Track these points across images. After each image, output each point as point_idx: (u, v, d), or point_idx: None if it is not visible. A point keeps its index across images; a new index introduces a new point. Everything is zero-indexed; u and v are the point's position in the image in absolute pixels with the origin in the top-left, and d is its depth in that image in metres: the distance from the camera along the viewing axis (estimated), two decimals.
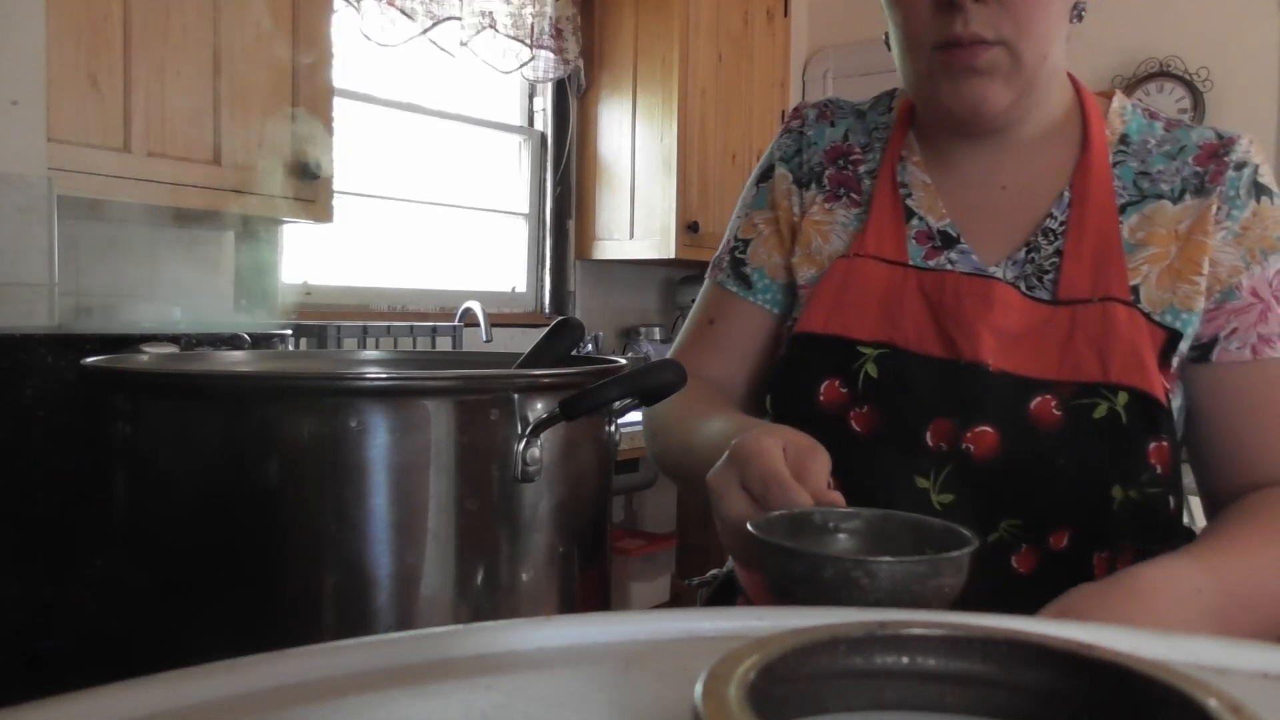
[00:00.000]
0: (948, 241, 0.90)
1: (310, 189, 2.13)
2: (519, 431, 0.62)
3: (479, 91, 3.21)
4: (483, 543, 0.62)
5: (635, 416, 0.96)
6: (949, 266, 0.89)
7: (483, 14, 2.94)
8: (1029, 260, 0.87)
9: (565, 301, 3.40)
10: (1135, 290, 0.84)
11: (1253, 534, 0.77)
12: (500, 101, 3.34)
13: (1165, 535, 0.81)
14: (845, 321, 0.88)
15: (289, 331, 1.01)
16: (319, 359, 1.05)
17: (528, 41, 3.09)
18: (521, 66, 3.12)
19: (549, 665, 0.40)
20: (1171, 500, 0.81)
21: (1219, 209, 0.85)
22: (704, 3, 3.23)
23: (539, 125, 3.41)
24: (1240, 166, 0.86)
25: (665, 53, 3.19)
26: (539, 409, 0.62)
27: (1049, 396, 0.80)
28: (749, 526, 0.61)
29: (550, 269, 3.40)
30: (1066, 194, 0.88)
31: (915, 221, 0.92)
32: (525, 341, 0.98)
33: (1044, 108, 0.90)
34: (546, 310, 3.39)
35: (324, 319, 2.44)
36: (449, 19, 2.84)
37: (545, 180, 3.40)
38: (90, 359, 0.67)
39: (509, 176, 3.38)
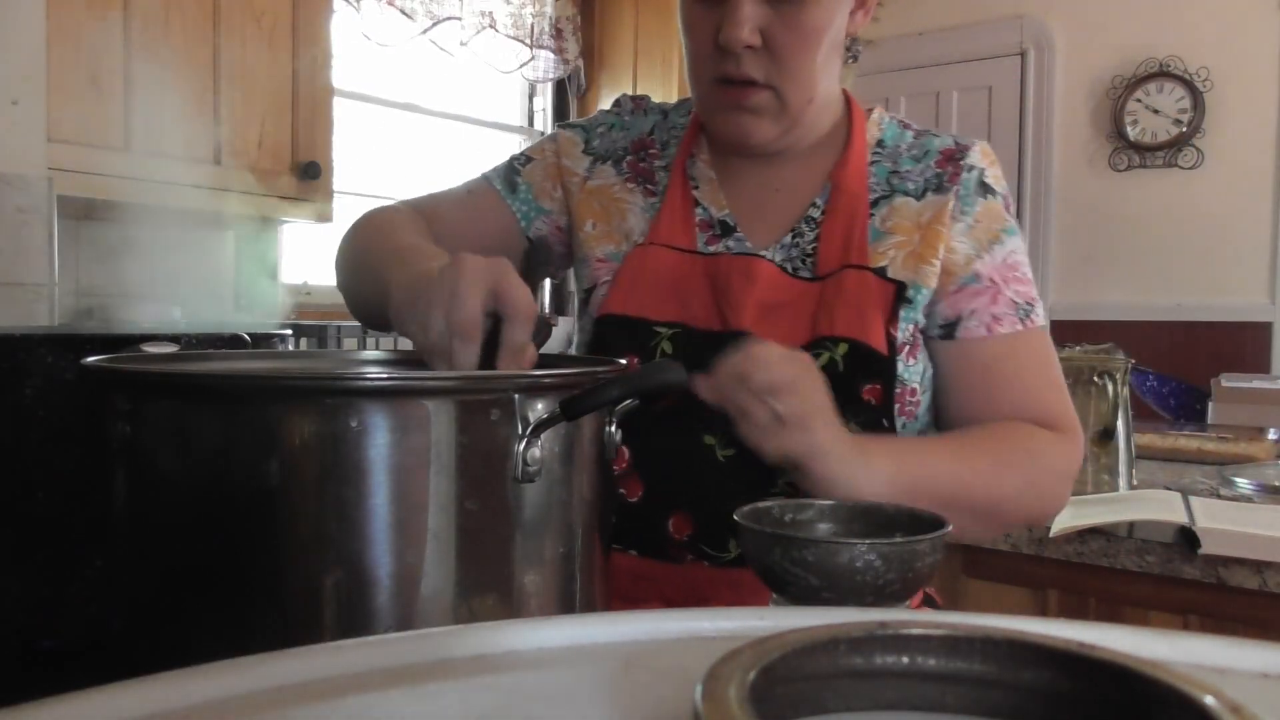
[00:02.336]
0: (725, 230, 1.01)
1: (310, 189, 2.13)
2: (519, 431, 0.62)
3: (479, 91, 3.21)
4: (483, 543, 0.62)
5: None
6: (726, 251, 0.99)
7: (483, 14, 2.94)
8: (794, 245, 0.98)
9: (565, 301, 3.40)
10: (882, 270, 0.95)
11: (941, 440, 0.93)
12: (500, 101, 3.34)
13: None
14: (642, 304, 0.97)
15: (289, 331, 1.01)
16: (319, 359, 1.05)
17: (528, 41, 3.09)
18: (521, 66, 3.12)
19: (549, 665, 0.40)
20: (884, 423, 0.92)
21: (955, 205, 0.97)
22: None
23: (539, 125, 3.41)
24: (970, 170, 0.98)
25: (665, 53, 3.19)
26: (539, 409, 0.62)
27: None
28: (735, 517, 0.64)
29: None
30: (827, 187, 0.99)
31: (699, 210, 1.02)
32: None
33: (814, 129, 1.00)
34: (546, 310, 3.39)
35: (324, 319, 2.44)
36: (449, 19, 2.84)
37: None
38: (90, 359, 0.67)
39: None
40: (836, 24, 0.93)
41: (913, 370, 0.95)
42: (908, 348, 0.94)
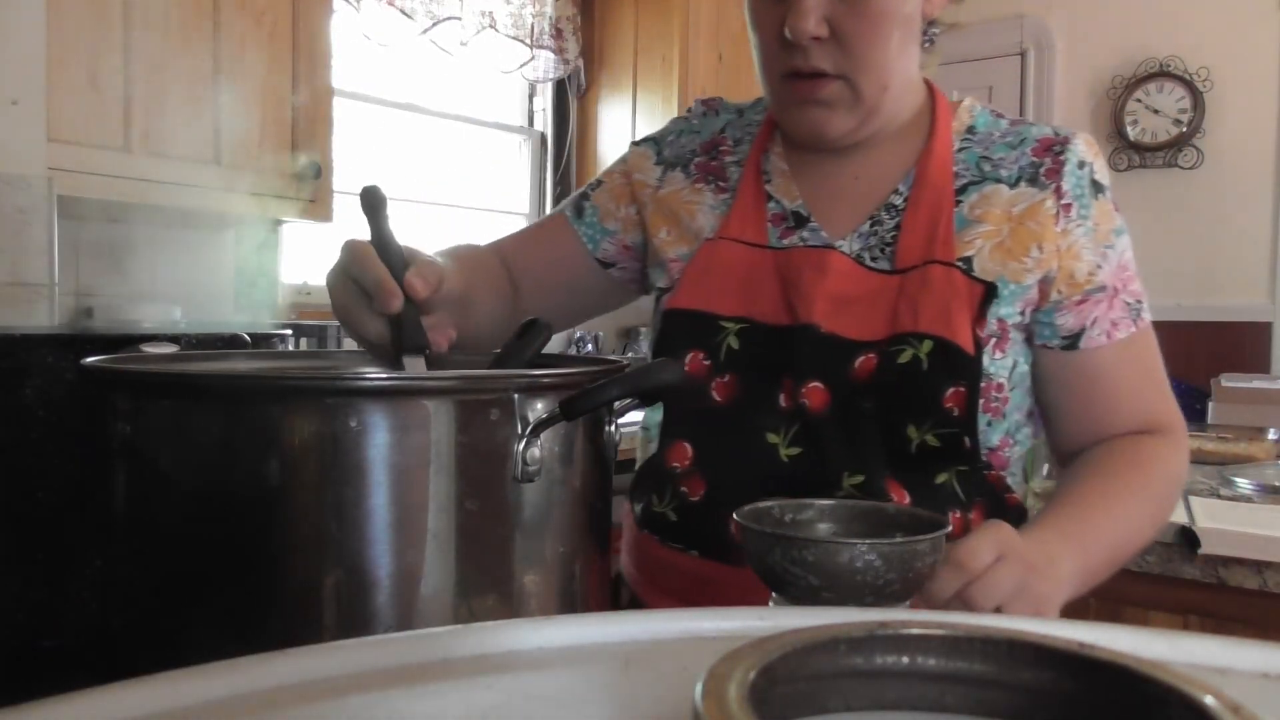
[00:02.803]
0: (799, 221, 0.97)
1: (310, 189, 2.13)
2: (519, 431, 0.62)
3: (479, 91, 3.21)
4: (483, 543, 0.62)
5: (635, 416, 0.97)
6: (800, 244, 0.96)
7: (483, 14, 2.94)
8: (872, 233, 0.94)
9: None
10: (969, 260, 0.91)
11: (1098, 496, 0.89)
12: (500, 101, 3.34)
13: (971, 483, 0.90)
14: (708, 299, 0.95)
15: (289, 331, 1.01)
16: (319, 359, 1.05)
17: (528, 41, 3.09)
18: (521, 66, 3.12)
19: (549, 665, 0.40)
20: (966, 440, 0.87)
21: (1066, 205, 0.92)
22: (704, 3, 3.23)
23: (539, 125, 3.41)
24: (1082, 166, 0.93)
25: (665, 53, 3.19)
26: (539, 409, 0.62)
27: (872, 355, 0.88)
28: (735, 516, 0.64)
29: None
30: (910, 175, 0.95)
31: (772, 205, 0.99)
32: None
33: (894, 118, 0.96)
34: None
35: (324, 319, 2.44)
36: (449, 19, 2.84)
37: (545, 180, 3.40)
38: (90, 359, 0.67)
39: (509, 176, 3.38)
40: (908, 8, 0.89)
41: (999, 365, 0.91)
42: (994, 340, 0.91)
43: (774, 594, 0.64)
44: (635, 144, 1.11)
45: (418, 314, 0.75)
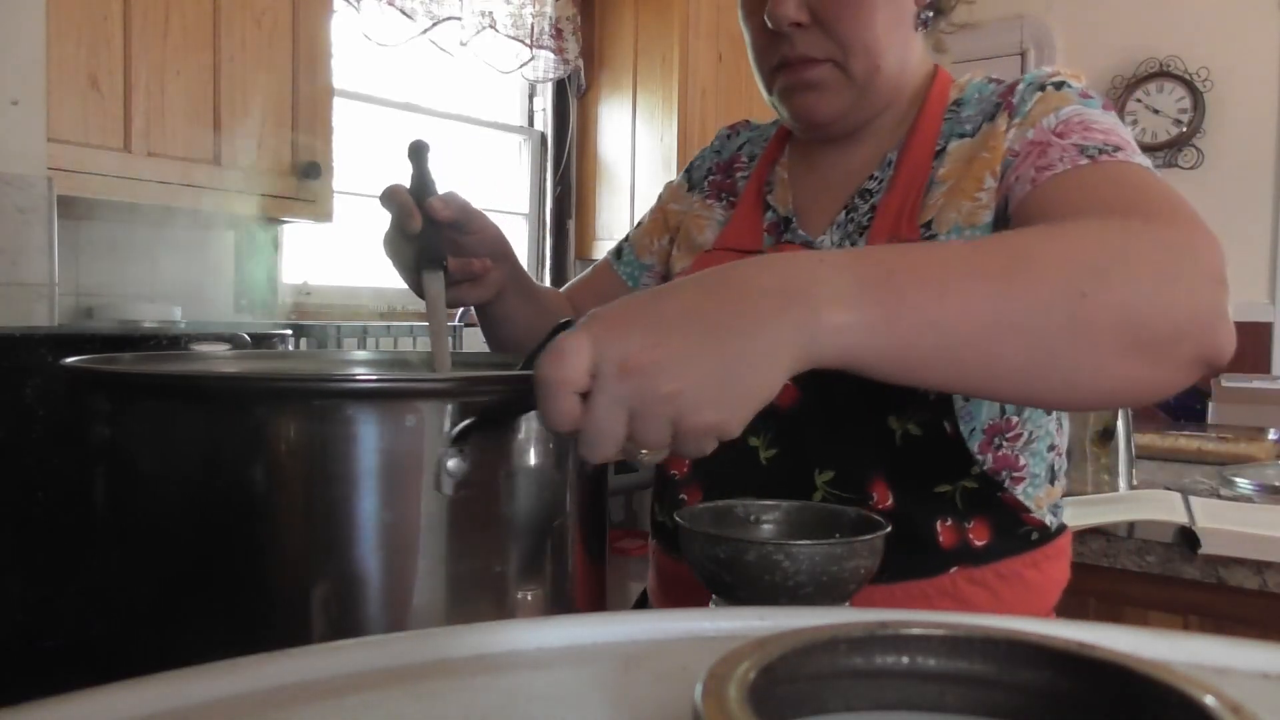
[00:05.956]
0: (787, 225, 0.97)
1: (310, 189, 2.13)
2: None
3: (479, 91, 3.21)
4: (479, 544, 0.62)
5: None
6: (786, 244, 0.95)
7: (483, 14, 2.94)
8: (849, 220, 0.92)
9: None
10: (929, 224, 0.85)
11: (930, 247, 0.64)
12: (500, 101, 3.34)
13: (957, 469, 0.83)
14: None
15: (289, 331, 1.01)
16: (310, 360, 1.05)
17: (528, 41, 3.09)
18: (521, 66, 3.12)
19: (549, 665, 0.40)
20: (947, 425, 0.82)
21: (1010, 114, 0.86)
22: (704, 3, 3.23)
23: (539, 125, 3.41)
24: (1040, 78, 0.87)
25: (665, 53, 3.19)
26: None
27: None
28: (675, 517, 0.65)
29: (550, 269, 3.40)
30: (891, 157, 0.93)
31: (769, 214, 0.99)
32: None
33: (891, 102, 0.93)
34: None
35: (324, 319, 2.44)
36: (449, 19, 2.84)
37: (545, 180, 3.40)
38: (71, 359, 0.66)
39: (509, 176, 3.38)
40: None
41: None
42: None
43: (714, 595, 0.64)
44: (672, 181, 1.15)
45: (438, 234, 0.85)
